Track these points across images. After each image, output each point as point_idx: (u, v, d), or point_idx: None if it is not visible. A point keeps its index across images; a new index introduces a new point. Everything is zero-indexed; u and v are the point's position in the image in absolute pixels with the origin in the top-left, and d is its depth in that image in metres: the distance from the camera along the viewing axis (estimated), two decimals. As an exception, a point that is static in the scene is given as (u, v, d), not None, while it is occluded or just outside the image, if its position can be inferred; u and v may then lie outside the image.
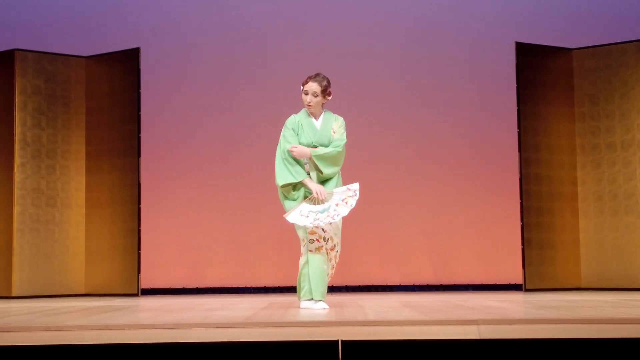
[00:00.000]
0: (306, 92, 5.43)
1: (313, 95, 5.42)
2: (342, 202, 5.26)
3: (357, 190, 5.32)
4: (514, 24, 9.16)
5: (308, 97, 5.43)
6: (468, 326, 3.85)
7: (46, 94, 8.60)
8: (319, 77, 5.43)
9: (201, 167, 9.26)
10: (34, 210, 8.42)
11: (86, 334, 3.87)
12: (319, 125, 5.46)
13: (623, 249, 8.34)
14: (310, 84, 5.42)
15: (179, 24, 9.36)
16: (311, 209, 5.25)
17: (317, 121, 5.48)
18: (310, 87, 5.42)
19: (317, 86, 5.41)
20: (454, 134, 9.23)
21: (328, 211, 5.22)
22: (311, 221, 5.19)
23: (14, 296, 8.18)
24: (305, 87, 5.43)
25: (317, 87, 5.41)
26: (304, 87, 5.44)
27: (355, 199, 5.27)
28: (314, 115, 5.49)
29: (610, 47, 8.58)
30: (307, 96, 5.43)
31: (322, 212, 5.23)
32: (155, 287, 8.99)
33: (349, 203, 5.25)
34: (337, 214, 5.21)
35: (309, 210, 5.25)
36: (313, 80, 5.42)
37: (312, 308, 5.26)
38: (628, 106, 8.43)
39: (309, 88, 5.42)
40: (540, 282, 8.33)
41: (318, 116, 5.50)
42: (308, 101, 5.44)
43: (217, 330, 3.90)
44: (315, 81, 5.42)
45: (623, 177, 8.38)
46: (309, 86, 5.42)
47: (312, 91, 5.42)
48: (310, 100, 5.42)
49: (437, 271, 9.11)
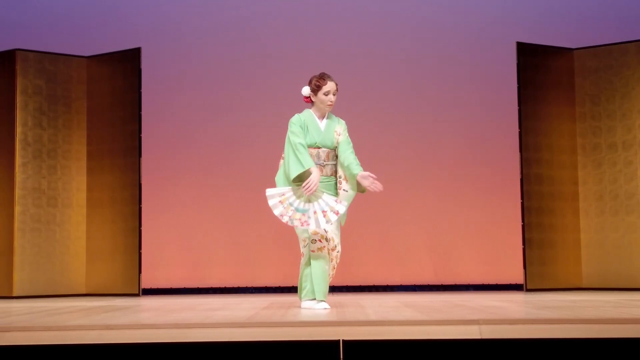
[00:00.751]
0: (327, 92, 5.38)
1: (333, 94, 5.41)
2: (321, 213, 5.22)
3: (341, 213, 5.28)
4: (515, 24, 9.16)
5: (329, 96, 5.39)
6: (469, 326, 3.85)
7: (47, 94, 8.60)
8: (332, 77, 5.43)
9: (202, 167, 9.26)
10: (35, 210, 8.43)
11: (87, 333, 3.87)
12: (323, 127, 5.45)
13: (624, 249, 8.34)
14: (330, 84, 5.38)
15: (179, 24, 9.36)
16: (291, 202, 5.26)
17: (321, 122, 5.47)
18: (331, 86, 5.38)
19: (335, 85, 5.42)
20: (454, 134, 9.23)
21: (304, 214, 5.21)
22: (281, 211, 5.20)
23: (15, 296, 8.18)
24: (326, 88, 5.37)
25: (336, 87, 5.42)
26: (322, 88, 5.37)
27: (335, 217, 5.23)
28: (320, 116, 5.47)
29: (612, 47, 8.58)
30: (329, 96, 5.39)
31: (298, 212, 5.23)
32: (156, 287, 8.99)
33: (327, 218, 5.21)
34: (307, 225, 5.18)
35: (289, 201, 5.26)
36: (331, 80, 5.40)
37: (313, 308, 5.27)
38: (629, 106, 8.42)
39: (331, 87, 5.38)
40: (541, 282, 8.33)
41: (323, 118, 5.49)
42: (332, 100, 5.40)
43: (218, 330, 3.90)
44: (333, 81, 5.41)
45: (624, 177, 8.38)
46: (330, 86, 5.38)
47: (333, 90, 5.40)
48: (333, 99, 5.40)
49: (437, 271, 9.11)
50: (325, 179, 5.41)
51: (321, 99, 5.40)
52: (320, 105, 5.43)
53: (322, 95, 5.39)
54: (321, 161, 5.41)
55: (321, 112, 5.46)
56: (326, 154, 5.43)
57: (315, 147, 5.41)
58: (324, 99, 5.40)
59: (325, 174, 5.41)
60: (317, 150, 5.42)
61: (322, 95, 5.39)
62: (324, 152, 5.43)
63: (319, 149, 5.42)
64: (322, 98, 5.40)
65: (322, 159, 5.42)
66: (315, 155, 5.40)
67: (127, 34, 9.08)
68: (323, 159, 5.42)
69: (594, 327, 3.85)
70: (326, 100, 5.39)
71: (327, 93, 5.39)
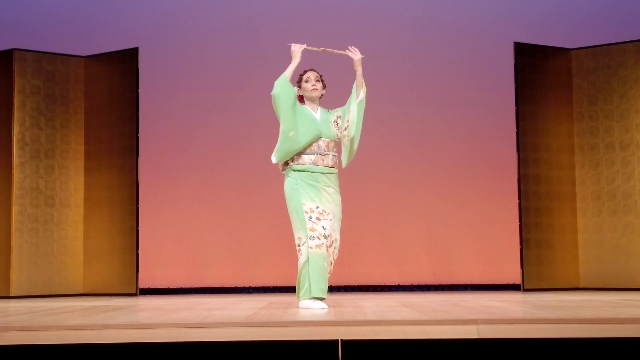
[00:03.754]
0: (307, 79, 5.50)
1: (316, 80, 5.48)
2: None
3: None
4: (513, 24, 9.17)
5: (310, 82, 5.49)
6: (467, 326, 3.85)
7: (45, 94, 8.60)
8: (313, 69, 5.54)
9: (200, 167, 9.26)
10: (32, 210, 8.42)
11: (86, 333, 3.86)
12: (318, 116, 5.49)
13: (622, 248, 8.34)
14: (309, 72, 5.53)
15: (177, 23, 9.36)
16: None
17: (315, 113, 5.51)
18: (311, 74, 5.52)
19: (316, 73, 5.52)
20: (452, 133, 9.24)
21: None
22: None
23: (12, 296, 8.18)
24: (305, 76, 5.51)
25: (316, 74, 5.52)
26: (302, 78, 5.50)
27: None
28: (312, 106, 5.51)
29: (609, 47, 8.59)
30: (310, 82, 5.49)
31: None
32: (154, 287, 8.99)
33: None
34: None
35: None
36: (310, 70, 5.53)
37: (311, 308, 5.26)
38: (627, 106, 8.43)
39: (311, 75, 5.52)
40: (539, 282, 8.34)
41: (316, 109, 5.52)
42: (313, 85, 5.48)
43: (216, 329, 3.90)
44: (313, 70, 5.53)
45: (622, 177, 8.39)
46: (309, 74, 5.52)
47: (314, 77, 5.51)
48: (315, 84, 5.47)
49: (436, 271, 9.11)
50: (327, 170, 5.43)
51: (305, 88, 5.52)
52: (307, 95, 5.52)
53: (305, 84, 5.52)
54: (322, 151, 5.44)
55: (312, 102, 5.54)
56: (326, 144, 5.47)
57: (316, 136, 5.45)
58: (307, 86, 5.51)
59: (326, 164, 5.44)
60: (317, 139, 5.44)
61: (305, 83, 5.52)
62: (323, 142, 5.46)
63: (319, 139, 5.44)
64: (305, 86, 5.52)
65: (323, 148, 5.45)
66: (316, 145, 5.43)
67: (125, 34, 9.08)
68: (323, 148, 5.45)
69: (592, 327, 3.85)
70: (308, 86, 5.50)
71: (307, 79, 5.50)
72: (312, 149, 5.43)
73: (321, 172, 5.41)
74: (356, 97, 5.50)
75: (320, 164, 5.43)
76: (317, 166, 5.42)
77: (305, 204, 5.36)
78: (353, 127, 5.45)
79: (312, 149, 5.43)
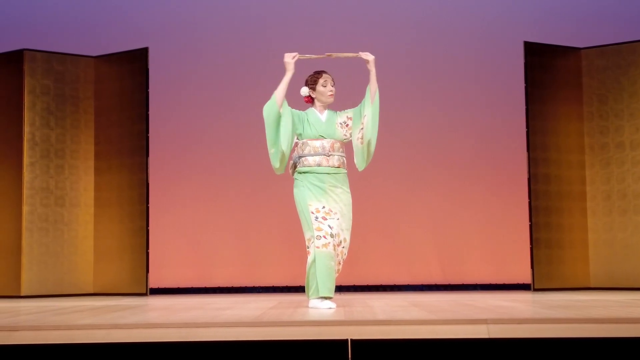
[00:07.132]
0: (325, 82, 5.46)
1: (332, 84, 5.46)
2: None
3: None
4: (522, 23, 9.14)
5: (328, 87, 5.47)
6: (477, 325, 3.85)
7: (55, 94, 8.62)
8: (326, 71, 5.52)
9: (209, 167, 9.26)
10: (42, 210, 8.45)
11: (95, 333, 3.87)
12: (324, 118, 5.49)
13: (632, 248, 8.31)
14: (326, 75, 5.49)
15: (187, 24, 9.37)
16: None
17: (322, 115, 5.51)
18: (327, 77, 5.48)
19: (331, 78, 5.51)
20: (462, 133, 9.22)
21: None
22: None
23: (23, 295, 8.20)
24: (322, 81, 5.46)
25: (332, 79, 5.51)
26: (319, 81, 5.46)
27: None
28: (321, 110, 5.51)
29: (620, 46, 8.55)
30: (327, 86, 5.47)
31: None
32: (164, 286, 9.00)
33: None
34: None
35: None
36: (326, 73, 5.50)
37: (318, 307, 5.26)
38: (637, 105, 8.40)
39: (328, 79, 5.48)
40: (549, 282, 8.31)
41: (323, 111, 5.52)
42: (330, 91, 5.46)
43: (226, 329, 3.90)
44: (328, 73, 5.50)
45: (632, 177, 8.36)
46: (326, 77, 5.48)
47: (330, 81, 5.48)
48: (332, 89, 5.47)
49: (445, 271, 9.10)
50: (333, 170, 5.43)
51: (321, 92, 5.47)
52: (321, 98, 5.49)
53: (321, 87, 5.47)
54: (326, 151, 5.43)
55: (323, 105, 5.52)
56: (331, 145, 5.46)
57: (318, 138, 5.44)
58: (324, 90, 5.46)
59: (332, 164, 5.43)
60: (320, 141, 5.45)
61: (321, 87, 5.47)
62: (328, 143, 5.45)
63: (323, 140, 5.45)
64: (321, 90, 5.47)
65: (327, 149, 5.44)
66: (320, 146, 5.44)
67: (134, 34, 9.09)
68: (328, 149, 5.44)
69: (602, 326, 3.84)
70: (326, 91, 5.46)
71: (325, 84, 5.47)
72: (316, 150, 5.43)
73: (326, 173, 5.40)
74: (370, 99, 5.47)
75: (326, 164, 5.42)
76: (322, 167, 5.42)
77: (311, 204, 5.36)
78: (369, 130, 5.42)
79: (317, 150, 5.42)
